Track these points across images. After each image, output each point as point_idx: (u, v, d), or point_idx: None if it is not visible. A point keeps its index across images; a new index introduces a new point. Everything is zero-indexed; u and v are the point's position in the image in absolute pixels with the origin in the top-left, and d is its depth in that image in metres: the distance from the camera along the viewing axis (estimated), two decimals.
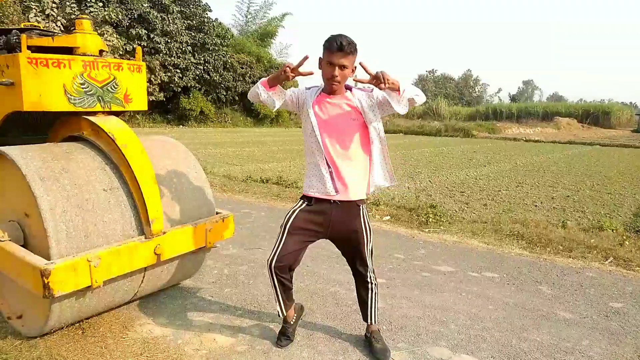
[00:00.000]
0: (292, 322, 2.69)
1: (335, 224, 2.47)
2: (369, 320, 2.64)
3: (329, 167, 2.40)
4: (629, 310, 3.24)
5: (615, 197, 7.86)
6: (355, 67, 2.35)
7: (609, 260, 4.30)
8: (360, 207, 2.49)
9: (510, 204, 6.97)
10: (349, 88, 2.48)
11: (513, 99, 66.92)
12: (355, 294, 2.73)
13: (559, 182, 9.48)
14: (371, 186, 2.53)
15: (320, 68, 2.39)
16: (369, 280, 2.59)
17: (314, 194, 2.45)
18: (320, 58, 2.37)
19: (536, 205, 6.92)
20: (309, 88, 2.53)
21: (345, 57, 2.26)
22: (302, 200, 2.52)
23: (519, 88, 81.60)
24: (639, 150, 20.45)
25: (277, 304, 2.54)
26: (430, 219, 5.58)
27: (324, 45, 2.33)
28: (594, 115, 41.81)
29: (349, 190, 2.42)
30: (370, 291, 2.61)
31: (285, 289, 2.52)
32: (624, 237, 4.96)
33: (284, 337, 2.65)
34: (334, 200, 2.42)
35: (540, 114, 41.58)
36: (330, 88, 2.39)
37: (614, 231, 5.21)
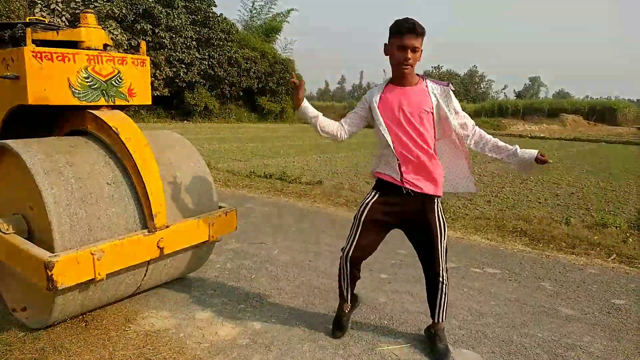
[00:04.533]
0: (347, 312, 2.72)
1: (408, 215, 2.46)
2: (435, 318, 2.58)
3: (398, 159, 2.39)
4: (630, 306, 3.23)
5: (619, 194, 7.82)
6: (422, 50, 2.34)
7: (612, 257, 4.29)
8: (435, 202, 2.46)
9: (514, 200, 6.95)
10: (422, 77, 2.43)
11: (519, 95, 66.50)
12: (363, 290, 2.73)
13: (564, 178, 9.43)
14: (448, 185, 2.52)
15: (387, 54, 2.37)
16: (441, 279, 2.49)
17: (385, 174, 2.44)
18: (385, 44, 2.35)
19: (540, 202, 6.90)
20: (375, 86, 2.53)
21: (416, 38, 2.25)
22: (374, 191, 2.52)
23: (525, 84, 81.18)
24: None
25: (343, 291, 2.65)
26: None
27: (391, 29, 2.31)
28: (600, 112, 41.53)
29: (420, 183, 2.40)
30: (440, 290, 2.51)
31: (353, 279, 2.63)
32: (628, 234, 4.94)
33: (339, 328, 2.68)
34: (406, 192, 2.41)
35: (546, 111, 41.33)
36: (401, 73, 2.35)
37: (618, 228, 5.19)
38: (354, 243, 2.51)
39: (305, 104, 2.49)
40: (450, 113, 2.38)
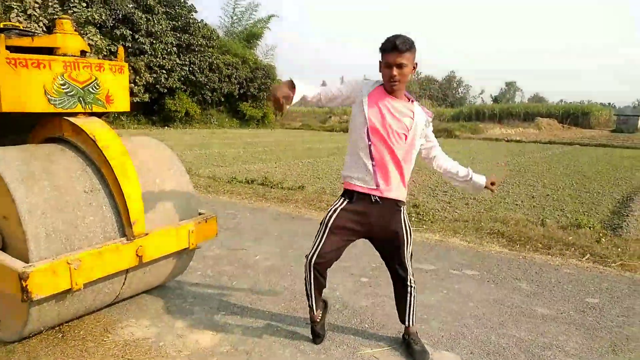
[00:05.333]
0: (318, 320, 2.70)
1: (376, 224, 2.47)
2: (407, 323, 2.63)
3: (372, 160, 2.40)
4: (604, 305, 3.32)
5: (593, 196, 8.03)
6: (416, 65, 2.36)
7: (586, 257, 4.40)
8: (401, 208, 2.51)
9: (491, 202, 7.07)
10: (411, 99, 2.46)
11: (495, 99, 67.65)
12: (337, 293, 2.76)
13: (539, 181, 9.64)
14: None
15: (380, 72, 2.42)
16: (409, 283, 2.57)
17: (355, 184, 2.44)
18: (379, 62, 2.39)
19: (517, 204, 7.04)
20: (367, 80, 2.54)
21: (400, 55, 2.27)
22: (342, 198, 2.51)
23: (501, 89, 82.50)
24: (616, 149, 20.88)
25: (309, 300, 2.59)
26: (413, 218, 5.64)
27: (380, 49, 2.36)
28: (574, 116, 42.60)
29: (390, 187, 2.42)
30: (409, 294, 2.58)
31: (319, 286, 2.58)
32: (601, 235, 5.07)
33: (316, 336, 2.68)
34: (375, 199, 2.42)
35: (522, 115, 42.22)
36: (390, 89, 2.38)
37: (591, 229, 5.33)
38: (319, 249, 2.48)
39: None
40: (421, 137, 2.49)
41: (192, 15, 29.14)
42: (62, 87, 2.62)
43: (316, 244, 2.49)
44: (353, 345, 2.66)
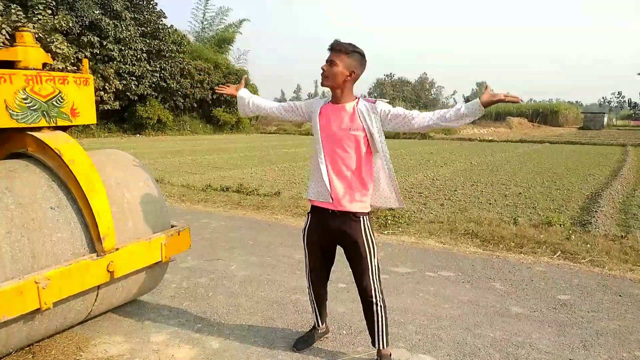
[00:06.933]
0: (315, 334, 2.77)
1: (337, 233, 2.47)
2: (376, 345, 2.48)
3: (327, 171, 2.40)
4: (575, 301, 3.41)
5: (563, 192, 8.25)
6: (353, 72, 2.34)
7: (557, 255, 4.51)
8: (360, 219, 2.41)
9: (465, 203, 7.19)
10: (357, 98, 2.44)
11: (467, 100, 68.89)
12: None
13: (512, 179, 9.85)
14: (376, 201, 2.50)
15: None
16: (373, 299, 2.43)
17: (314, 200, 2.50)
18: None
19: (490, 203, 7.17)
20: (321, 98, 2.58)
21: (333, 54, 2.34)
22: (309, 215, 2.61)
23: (472, 90, 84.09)
24: (585, 146, 21.56)
25: (314, 314, 2.77)
26: (389, 221, 5.69)
27: None
28: (543, 114, 43.80)
29: (343, 200, 2.39)
30: (374, 312, 2.44)
31: (319, 300, 2.72)
32: (571, 232, 5.21)
33: (302, 341, 2.73)
34: (331, 211, 2.43)
35: (494, 115, 43.15)
36: (322, 84, 2.44)
37: (562, 226, 5.47)
38: (308, 265, 2.67)
39: (242, 92, 2.76)
40: (375, 131, 2.36)
41: (161, 20, 28.82)
42: (25, 101, 2.55)
43: (305, 261, 2.68)
44: (331, 352, 2.66)
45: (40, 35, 17.24)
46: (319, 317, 2.76)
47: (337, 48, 2.33)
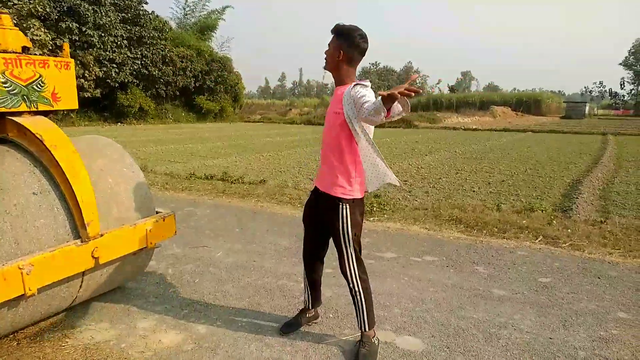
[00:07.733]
0: (301, 318, 2.81)
1: (320, 213, 2.53)
2: (358, 325, 2.52)
3: (321, 156, 2.53)
4: (555, 284, 3.50)
5: (545, 180, 8.40)
6: (342, 53, 2.29)
7: (538, 239, 4.60)
8: (340, 206, 2.37)
9: (450, 190, 7.27)
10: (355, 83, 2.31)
11: (452, 89, 69.35)
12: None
13: (495, 167, 9.98)
14: (374, 180, 2.30)
15: None
16: (350, 285, 2.46)
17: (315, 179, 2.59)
18: None
19: (474, 191, 7.26)
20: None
21: (332, 37, 2.37)
22: (311, 193, 2.68)
23: (457, 79, 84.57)
24: (567, 135, 21.90)
25: (305, 294, 2.82)
26: (375, 208, 5.73)
27: None
28: (527, 103, 44.32)
29: (325, 182, 2.46)
30: (352, 296, 2.48)
31: (312, 283, 2.77)
32: (552, 217, 5.32)
33: (288, 325, 2.76)
34: (320, 191, 2.50)
35: (478, 104, 43.51)
36: (323, 67, 2.47)
37: (544, 212, 5.58)
38: (303, 243, 2.75)
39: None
40: (351, 114, 2.24)
41: (142, 6, 28.27)
42: (4, 85, 2.49)
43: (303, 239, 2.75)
44: (318, 336, 2.69)
45: (16, 21, 16.79)
46: (309, 300, 2.80)
47: (332, 30, 2.37)
